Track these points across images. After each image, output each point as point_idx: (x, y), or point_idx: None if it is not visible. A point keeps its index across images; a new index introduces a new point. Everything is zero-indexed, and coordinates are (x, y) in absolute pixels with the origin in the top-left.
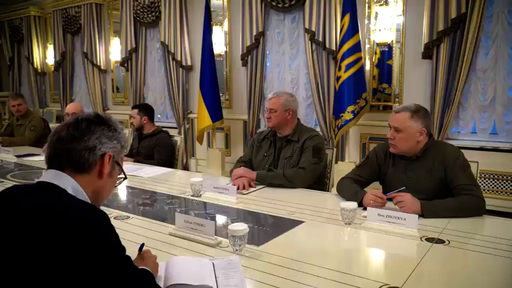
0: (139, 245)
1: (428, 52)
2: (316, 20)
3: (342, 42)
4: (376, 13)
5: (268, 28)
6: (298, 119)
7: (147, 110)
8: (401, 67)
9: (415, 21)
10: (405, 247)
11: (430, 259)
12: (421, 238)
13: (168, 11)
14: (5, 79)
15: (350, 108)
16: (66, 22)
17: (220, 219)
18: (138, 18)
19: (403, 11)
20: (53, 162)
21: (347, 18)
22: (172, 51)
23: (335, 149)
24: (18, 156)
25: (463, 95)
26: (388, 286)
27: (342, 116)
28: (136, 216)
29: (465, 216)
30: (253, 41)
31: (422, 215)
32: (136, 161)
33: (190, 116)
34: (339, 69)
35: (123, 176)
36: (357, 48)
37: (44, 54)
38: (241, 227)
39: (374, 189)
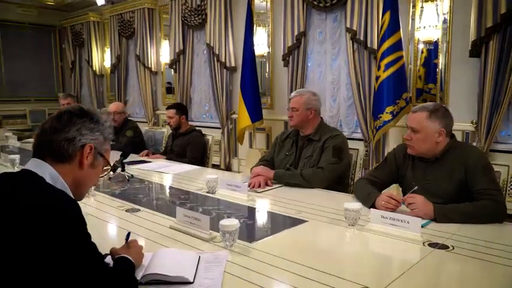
0: (126, 234)
1: (476, 50)
2: (357, 19)
3: (382, 41)
4: (421, 10)
5: (310, 28)
6: (321, 118)
7: (183, 110)
8: (448, 66)
9: (462, 18)
10: (403, 251)
11: (426, 264)
12: (423, 243)
13: (213, 14)
14: (68, 81)
15: (389, 109)
16: (121, 27)
17: (224, 215)
18: (185, 21)
19: (450, 6)
20: (36, 152)
21: (387, 16)
22: (217, 52)
23: (359, 149)
24: None
25: None
26: None
27: (381, 117)
28: (147, 209)
29: (482, 222)
30: (295, 41)
31: (435, 218)
32: (169, 158)
33: (233, 116)
34: (378, 69)
35: (109, 167)
36: (397, 46)
37: (102, 58)
38: (232, 223)
39: (389, 191)
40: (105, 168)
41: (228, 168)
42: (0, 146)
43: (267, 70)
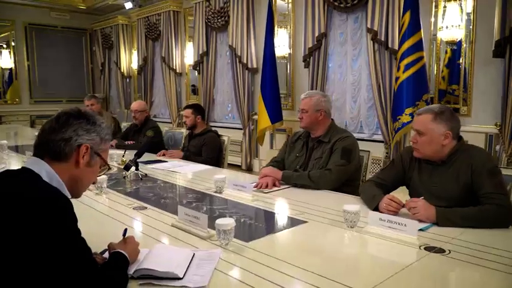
0: (123, 230)
1: (500, 50)
2: (378, 19)
3: (402, 42)
4: (444, 10)
5: (331, 29)
6: (332, 119)
7: (199, 110)
8: (471, 67)
9: (486, 17)
10: (397, 253)
11: (417, 267)
12: (420, 246)
13: (236, 16)
14: (98, 82)
15: (408, 111)
16: (148, 29)
17: (226, 214)
18: (209, 23)
19: (474, 6)
20: (36, 151)
21: (407, 16)
22: (239, 54)
23: (370, 151)
24: None
25: None
26: None
27: (400, 119)
28: (153, 207)
29: (485, 227)
30: (315, 42)
31: (437, 222)
32: (186, 158)
33: (255, 117)
34: (398, 70)
35: (107, 166)
36: (417, 47)
37: (130, 59)
38: (227, 222)
39: (391, 194)
40: (102, 167)
41: (249, 168)
42: (33, 145)
43: (289, 71)
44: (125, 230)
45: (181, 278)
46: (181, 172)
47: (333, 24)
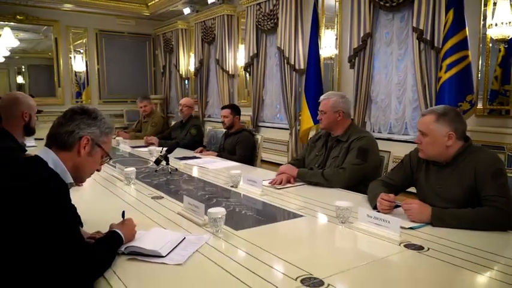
0: (122, 212)
1: None
2: (424, 18)
3: (445, 41)
4: (494, 6)
5: (377, 29)
6: (352, 119)
7: (237, 110)
8: None
9: None
10: (373, 248)
11: (386, 260)
12: (400, 243)
13: (284, 18)
14: (159, 84)
15: None
16: (204, 33)
17: (230, 205)
18: (259, 26)
19: None
20: (46, 142)
21: (451, 14)
22: (287, 55)
23: (390, 152)
24: (133, 147)
25: None
26: (310, 276)
27: None
28: (169, 197)
29: (482, 229)
30: (360, 43)
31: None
32: (221, 156)
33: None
34: (440, 69)
35: (108, 156)
36: (462, 45)
37: (188, 62)
38: (218, 211)
39: (385, 193)
40: (104, 157)
41: None
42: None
43: (335, 71)
44: (123, 212)
45: (164, 256)
46: (210, 168)
47: (378, 24)
